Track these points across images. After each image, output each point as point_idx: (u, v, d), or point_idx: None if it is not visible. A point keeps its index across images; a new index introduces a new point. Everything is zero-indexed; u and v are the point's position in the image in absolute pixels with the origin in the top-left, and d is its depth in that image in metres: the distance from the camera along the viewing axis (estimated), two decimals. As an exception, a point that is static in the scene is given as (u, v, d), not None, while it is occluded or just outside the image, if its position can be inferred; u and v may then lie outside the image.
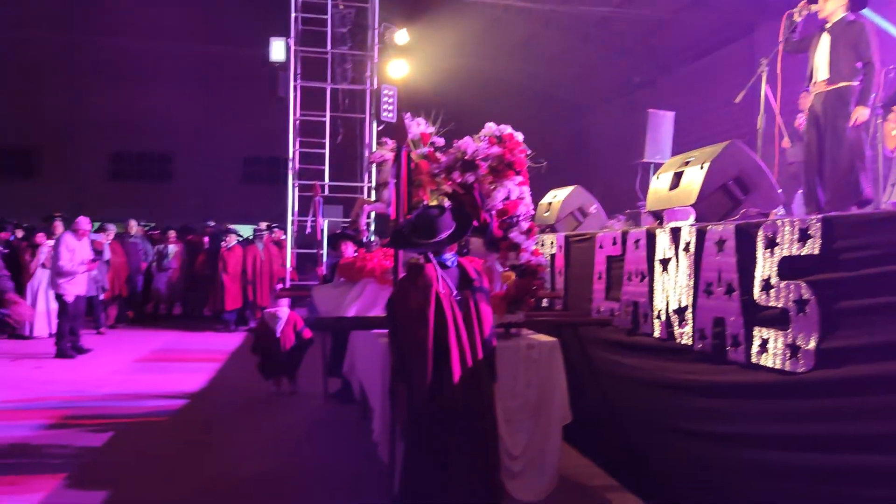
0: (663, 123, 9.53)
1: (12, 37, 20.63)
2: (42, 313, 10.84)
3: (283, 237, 12.17)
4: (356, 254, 6.26)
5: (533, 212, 4.58)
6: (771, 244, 3.21)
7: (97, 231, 12.14)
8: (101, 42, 21.60)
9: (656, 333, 4.22)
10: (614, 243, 4.86)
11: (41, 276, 10.90)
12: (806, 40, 5.42)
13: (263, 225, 12.91)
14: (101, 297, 11.41)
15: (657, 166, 7.14)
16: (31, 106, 22.01)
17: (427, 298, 3.30)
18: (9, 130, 21.90)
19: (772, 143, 6.60)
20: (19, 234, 12.41)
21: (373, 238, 7.63)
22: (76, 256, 9.20)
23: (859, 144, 5.02)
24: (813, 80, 5.33)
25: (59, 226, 11.15)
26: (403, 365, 3.36)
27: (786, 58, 5.80)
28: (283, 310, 7.19)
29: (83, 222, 9.54)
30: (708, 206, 4.25)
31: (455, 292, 3.38)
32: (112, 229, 12.23)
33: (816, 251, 2.95)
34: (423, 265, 3.44)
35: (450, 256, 3.48)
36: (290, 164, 10.87)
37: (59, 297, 9.29)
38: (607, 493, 4.52)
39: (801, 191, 7.45)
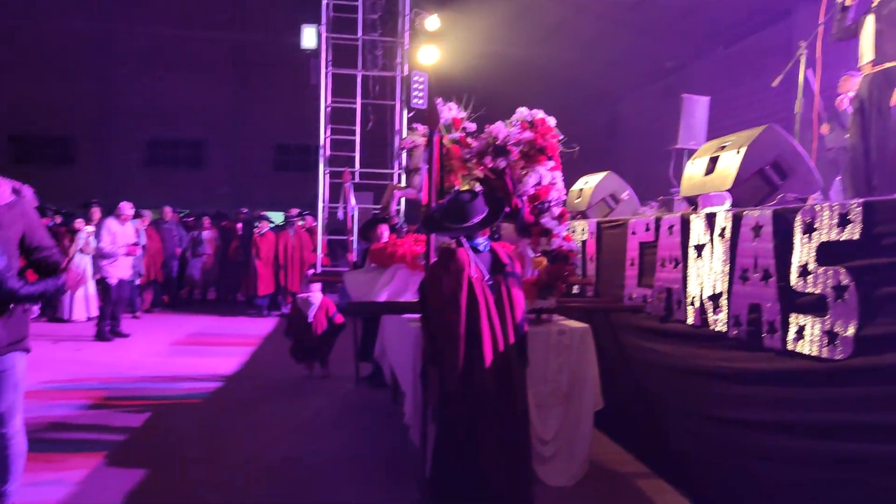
0: (698, 108, 9.37)
1: (49, 27, 21.03)
2: (80, 297, 11.11)
3: (315, 224, 12.27)
4: (388, 239, 6.29)
5: (565, 197, 4.56)
6: (809, 229, 3.15)
7: (133, 217, 12.38)
8: (134, 30, 21.90)
9: (690, 320, 4.18)
10: (647, 229, 4.82)
11: (79, 262, 11.14)
12: (854, 26, 5.28)
13: (295, 212, 13.02)
14: (138, 281, 11.64)
15: (691, 152, 7.04)
16: (68, 95, 22.43)
17: (459, 283, 3.31)
18: (47, 118, 22.35)
19: (810, 127, 6.46)
20: (58, 219, 12.70)
21: (403, 224, 7.65)
22: (118, 240, 9.43)
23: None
24: (859, 64, 5.20)
25: (96, 211, 11.41)
26: (435, 349, 3.38)
27: (825, 41, 5.66)
28: (316, 295, 7.27)
29: (125, 207, 9.79)
30: (744, 191, 4.18)
31: (487, 277, 3.39)
32: (147, 215, 12.47)
33: (857, 236, 2.89)
34: (455, 250, 3.45)
35: (482, 241, 3.48)
36: (322, 151, 10.92)
37: (102, 281, 9.52)
38: (638, 480, 4.51)
39: (839, 177, 7.31)
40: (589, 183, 6.98)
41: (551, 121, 4.46)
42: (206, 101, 23.24)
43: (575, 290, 6.18)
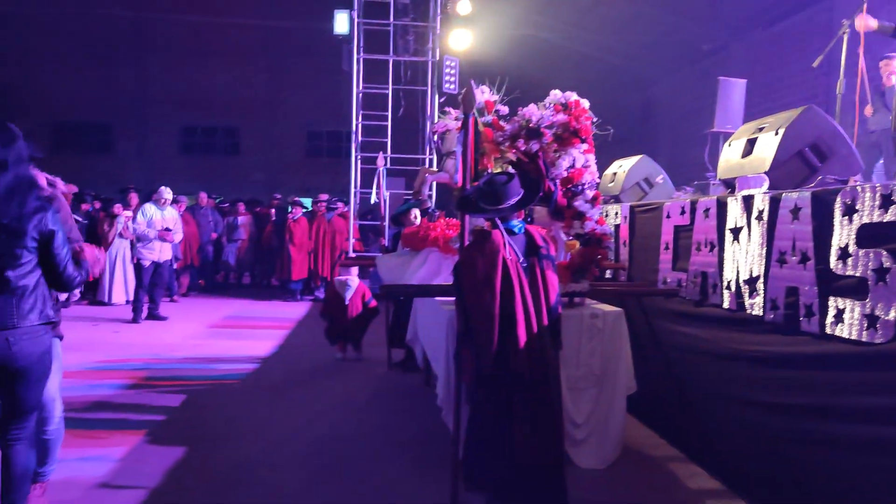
0: (735, 91, 9.19)
1: (89, 17, 21.40)
2: (119, 281, 11.37)
3: (346, 209, 12.37)
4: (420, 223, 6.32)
5: (598, 180, 4.53)
6: (850, 211, 3.09)
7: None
8: (169, 18, 22.18)
9: (725, 304, 4.13)
10: (682, 213, 4.76)
11: (118, 246, 11.40)
12: None
13: (323, 197, 13.14)
14: (175, 266, 11.87)
15: (727, 136, 6.92)
16: (107, 83, 22.86)
17: (494, 264, 3.32)
18: (87, 107, 22.80)
19: (852, 109, 6.30)
20: (97, 205, 13.00)
21: (435, 208, 7.66)
22: (154, 224, 9.64)
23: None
24: None
25: (134, 197, 11.65)
26: (469, 330, 3.39)
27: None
28: (354, 279, 7.36)
29: (163, 192, 10.00)
30: (782, 173, 4.10)
31: (521, 259, 3.39)
32: (184, 201, 12.68)
33: (900, 218, 2.82)
34: (489, 231, 3.45)
35: (517, 223, 3.48)
36: (353, 137, 10.97)
37: (137, 263, 9.75)
38: (671, 464, 4.49)
39: (882, 161, 7.12)
40: (622, 167, 6.90)
41: (585, 103, 4.42)
42: (240, 89, 23.50)
43: (607, 275, 6.14)
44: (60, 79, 22.22)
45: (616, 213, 6.08)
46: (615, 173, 6.98)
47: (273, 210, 14.24)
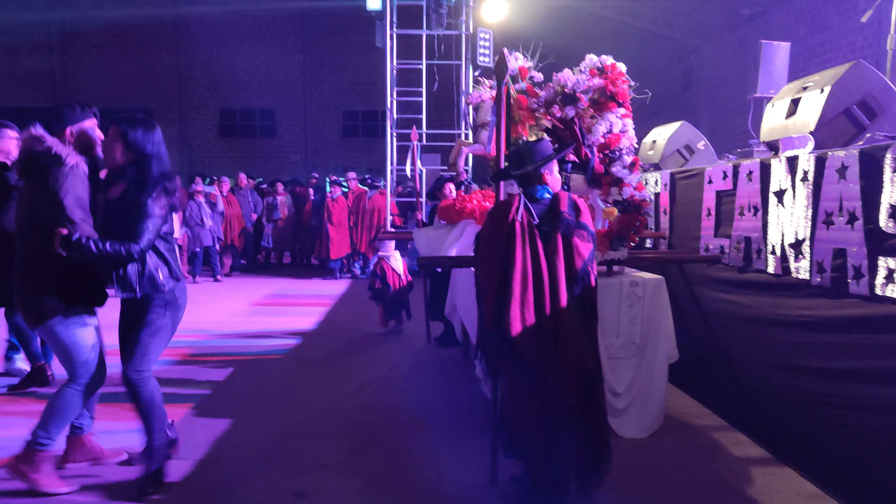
0: (778, 55, 8.91)
1: (127, 5, 21.75)
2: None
3: (380, 184, 12.43)
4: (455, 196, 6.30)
5: (636, 145, 4.44)
6: (901, 167, 2.97)
7: (210, 184, 12.82)
8: (206, 2, 22.38)
9: (770, 269, 4.03)
10: (724, 177, 4.65)
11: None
12: None
13: (351, 175, 13.20)
14: (217, 246, 12.08)
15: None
16: (147, 69, 23.28)
17: (501, 229, 3.29)
18: (128, 92, 23.24)
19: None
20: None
21: (471, 181, 7.63)
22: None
23: None
24: None
25: (176, 179, 11.84)
26: (478, 292, 3.39)
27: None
28: (395, 253, 7.43)
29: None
30: (828, 132, 3.96)
31: (536, 221, 3.32)
32: (226, 182, 12.87)
33: (954, 172, 2.71)
34: (509, 196, 3.43)
35: (541, 188, 3.41)
36: (388, 114, 10.95)
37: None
38: (714, 433, 4.43)
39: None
40: (662, 135, 6.77)
41: (622, 66, 4.32)
42: (276, 71, 23.71)
43: (647, 244, 6.05)
44: (101, 64, 22.68)
45: (656, 181, 5.97)
46: (654, 141, 6.85)
47: (311, 189, 14.37)
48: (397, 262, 7.50)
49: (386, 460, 3.99)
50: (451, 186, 6.41)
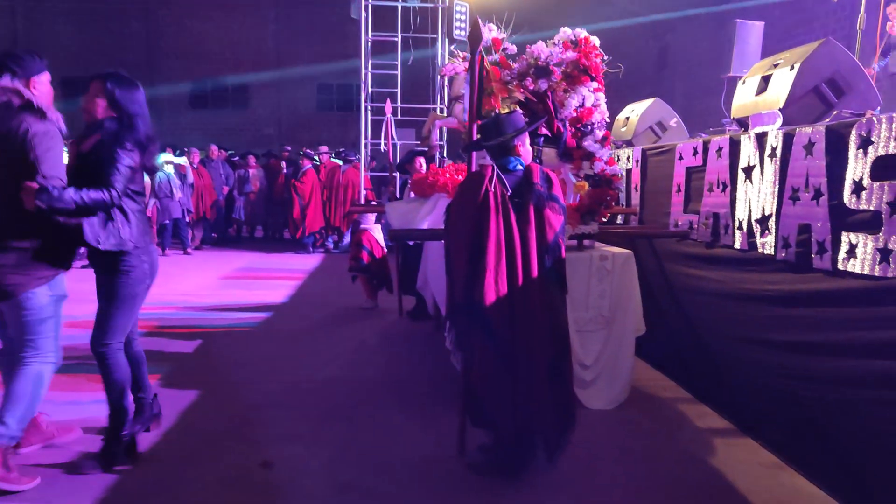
0: (752, 34, 8.94)
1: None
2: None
3: (353, 158, 12.34)
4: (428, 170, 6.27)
5: (608, 120, 4.44)
6: (865, 143, 3.01)
7: (180, 156, 12.61)
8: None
9: (737, 245, 4.08)
10: (695, 154, 4.68)
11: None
12: None
13: (323, 149, 13.07)
14: (187, 219, 11.92)
15: (744, 80, 6.77)
16: (116, 38, 22.70)
17: (474, 198, 3.28)
18: (96, 61, 22.62)
19: (873, 49, 6.11)
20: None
21: (444, 155, 7.61)
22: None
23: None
24: None
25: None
26: (448, 262, 3.38)
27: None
28: (375, 226, 7.36)
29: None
30: (797, 110, 3.99)
31: (510, 192, 3.32)
32: (196, 153, 12.67)
33: (916, 148, 2.75)
34: (481, 167, 3.42)
35: (513, 160, 3.41)
36: (363, 87, 10.83)
37: None
38: (679, 405, 4.51)
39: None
40: (635, 111, 6.78)
41: (595, 40, 4.31)
42: (248, 42, 23.29)
43: (619, 220, 6.09)
44: (66, 31, 22.08)
45: (628, 158, 5.99)
46: (627, 118, 6.86)
47: (284, 163, 14.21)
48: (379, 233, 7.43)
49: (354, 432, 3.99)
50: (422, 160, 6.38)
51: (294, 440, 3.85)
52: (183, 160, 12.23)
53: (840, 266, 3.14)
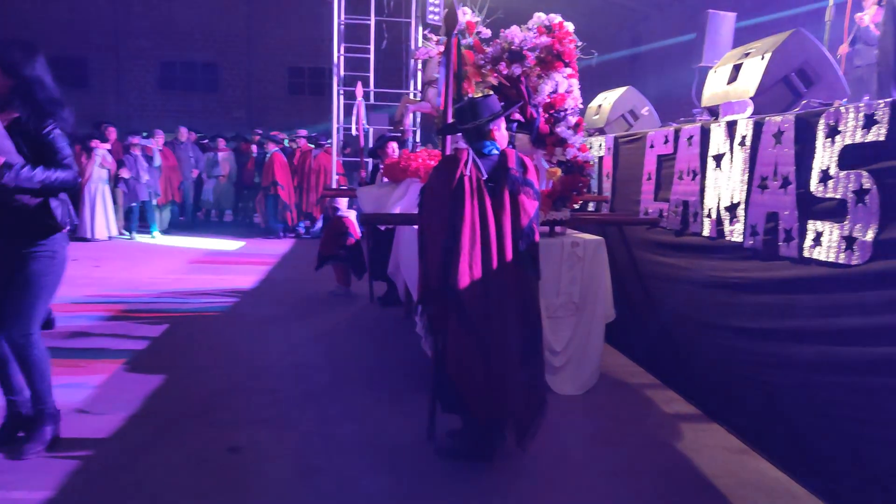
0: (724, 25, 8.99)
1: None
2: (101, 216, 11.18)
3: (324, 143, 12.21)
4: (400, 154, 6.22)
5: (581, 106, 4.44)
6: (832, 133, 3.05)
7: (146, 137, 12.38)
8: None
9: (706, 232, 4.12)
10: (666, 142, 4.71)
11: (98, 181, 11.18)
12: None
13: (303, 133, 12.92)
14: (154, 201, 11.71)
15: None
16: (82, 16, 22.10)
17: (450, 180, 3.25)
18: (61, 40, 22.07)
19: (841, 38, 6.19)
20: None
21: (417, 140, 7.55)
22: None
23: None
24: None
25: (112, 131, 11.40)
26: (422, 246, 3.36)
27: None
28: (349, 211, 7.29)
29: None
30: (767, 99, 4.03)
31: (485, 176, 3.30)
32: (161, 135, 12.42)
33: (882, 137, 2.78)
34: (456, 150, 3.39)
35: (489, 144, 3.39)
36: (335, 70, 10.69)
37: None
38: (647, 390, 4.55)
39: (867, 97, 7.04)
40: (608, 99, 6.80)
41: (569, 26, 4.30)
42: (219, 22, 22.85)
43: (591, 207, 6.11)
44: (29, 8, 21.47)
45: (600, 145, 6.01)
46: (600, 105, 6.88)
47: (255, 146, 14.01)
48: (353, 217, 7.35)
49: (323, 416, 3.96)
50: (395, 145, 6.32)
51: (261, 425, 3.81)
52: (149, 142, 11.99)
53: (806, 254, 3.19)
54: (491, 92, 4.28)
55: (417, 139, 7.48)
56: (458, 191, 3.26)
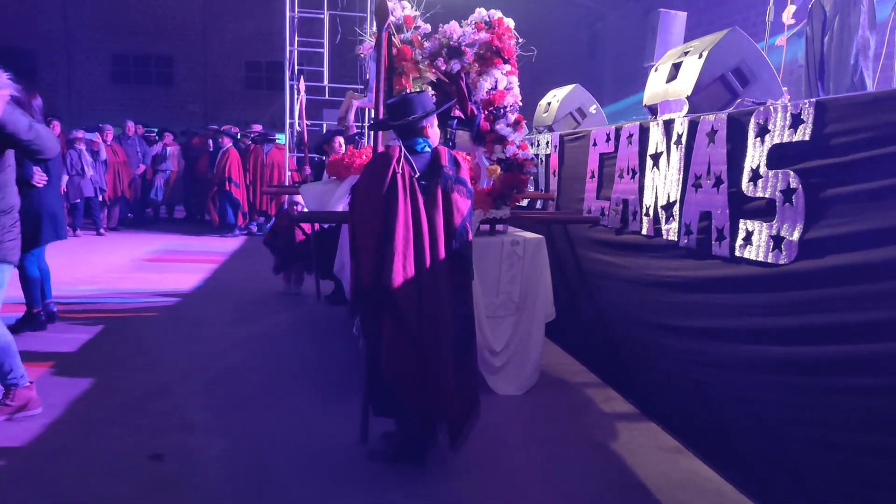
0: (675, 24, 9.11)
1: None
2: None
3: (274, 138, 12.01)
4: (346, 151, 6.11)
5: (521, 103, 4.39)
6: (762, 132, 3.04)
7: (92, 132, 12.02)
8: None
9: (644, 231, 4.11)
10: (608, 140, 4.69)
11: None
12: None
13: (257, 127, 12.69)
14: (101, 198, 11.38)
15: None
16: (28, 4, 21.40)
17: (381, 178, 3.17)
18: (7, 30, 21.36)
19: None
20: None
21: (361, 136, 7.43)
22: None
23: (865, 41, 4.74)
24: None
25: (57, 126, 11.02)
26: (354, 245, 3.27)
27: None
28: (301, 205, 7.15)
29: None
30: (704, 97, 4.02)
31: (417, 174, 3.23)
32: (109, 129, 12.07)
33: (807, 137, 2.78)
34: (387, 147, 3.31)
35: (421, 141, 3.31)
36: (287, 65, 10.53)
37: None
38: (587, 389, 4.53)
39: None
40: (556, 97, 6.78)
41: (509, 22, 4.24)
42: (174, 14, 22.34)
43: (537, 206, 6.09)
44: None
45: (547, 143, 5.98)
46: (549, 103, 6.85)
47: (210, 141, 13.68)
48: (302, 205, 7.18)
49: (255, 420, 3.85)
50: (341, 140, 6.20)
51: (190, 430, 3.68)
52: (95, 136, 11.64)
53: (737, 253, 3.18)
54: (429, 88, 4.21)
55: (363, 135, 7.37)
56: (391, 189, 3.18)
